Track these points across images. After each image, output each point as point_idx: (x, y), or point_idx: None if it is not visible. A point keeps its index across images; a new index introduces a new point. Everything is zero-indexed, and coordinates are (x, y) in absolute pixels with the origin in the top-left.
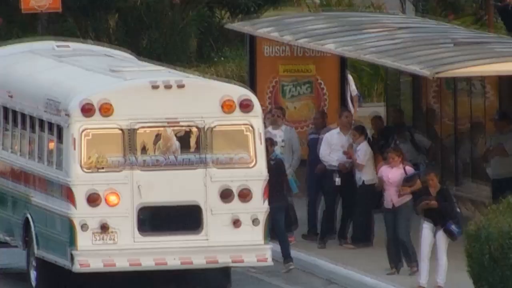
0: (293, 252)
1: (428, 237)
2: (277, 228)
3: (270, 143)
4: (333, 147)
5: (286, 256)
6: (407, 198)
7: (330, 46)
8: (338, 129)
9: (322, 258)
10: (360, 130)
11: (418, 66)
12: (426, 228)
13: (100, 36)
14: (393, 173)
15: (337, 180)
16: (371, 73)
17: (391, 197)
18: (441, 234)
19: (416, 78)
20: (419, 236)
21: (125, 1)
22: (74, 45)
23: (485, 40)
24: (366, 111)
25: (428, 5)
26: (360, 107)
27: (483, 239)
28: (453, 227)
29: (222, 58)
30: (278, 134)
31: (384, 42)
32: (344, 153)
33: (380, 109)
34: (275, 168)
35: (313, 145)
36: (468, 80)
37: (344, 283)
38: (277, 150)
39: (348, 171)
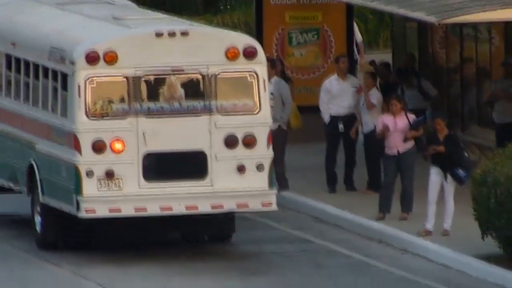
0: (301, 198)
1: (436, 182)
2: None
3: None
4: (334, 93)
5: None
6: (411, 144)
7: None
8: (335, 76)
9: (330, 204)
10: (372, 76)
11: (424, 13)
12: (434, 173)
13: None
14: (398, 120)
15: (341, 127)
16: (377, 20)
17: (396, 143)
18: (448, 179)
19: (422, 25)
20: (422, 183)
21: None
22: None
23: None
24: (373, 57)
25: None
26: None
27: (489, 184)
28: (460, 172)
29: (229, 7)
30: (269, 87)
31: None
32: (358, 91)
33: (386, 56)
34: None
35: None
36: (475, 26)
37: (351, 229)
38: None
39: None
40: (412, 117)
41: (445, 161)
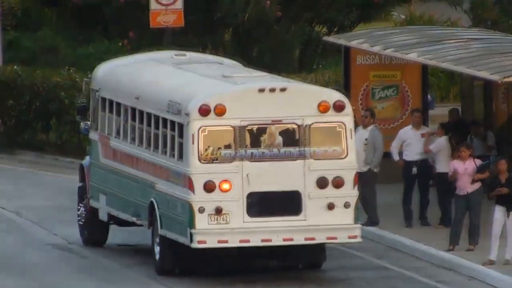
0: (382, 232)
1: (499, 219)
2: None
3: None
4: (408, 141)
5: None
6: (478, 185)
7: (413, 55)
8: (410, 126)
9: (406, 236)
10: (444, 126)
11: (488, 72)
12: (498, 211)
13: (216, 48)
14: (467, 165)
15: (414, 170)
16: (448, 78)
17: (465, 185)
18: (511, 216)
19: (487, 83)
20: (487, 218)
21: (235, 18)
22: (190, 54)
23: None
24: (444, 110)
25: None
26: (432, 109)
27: None
28: None
29: (321, 66)
30: (365, 134)
31: (459, 52)
32: (422, 135)
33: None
34: None
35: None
36: None
37: (424, 258)
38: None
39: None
40: (478, 161)
41: (507, 201)
